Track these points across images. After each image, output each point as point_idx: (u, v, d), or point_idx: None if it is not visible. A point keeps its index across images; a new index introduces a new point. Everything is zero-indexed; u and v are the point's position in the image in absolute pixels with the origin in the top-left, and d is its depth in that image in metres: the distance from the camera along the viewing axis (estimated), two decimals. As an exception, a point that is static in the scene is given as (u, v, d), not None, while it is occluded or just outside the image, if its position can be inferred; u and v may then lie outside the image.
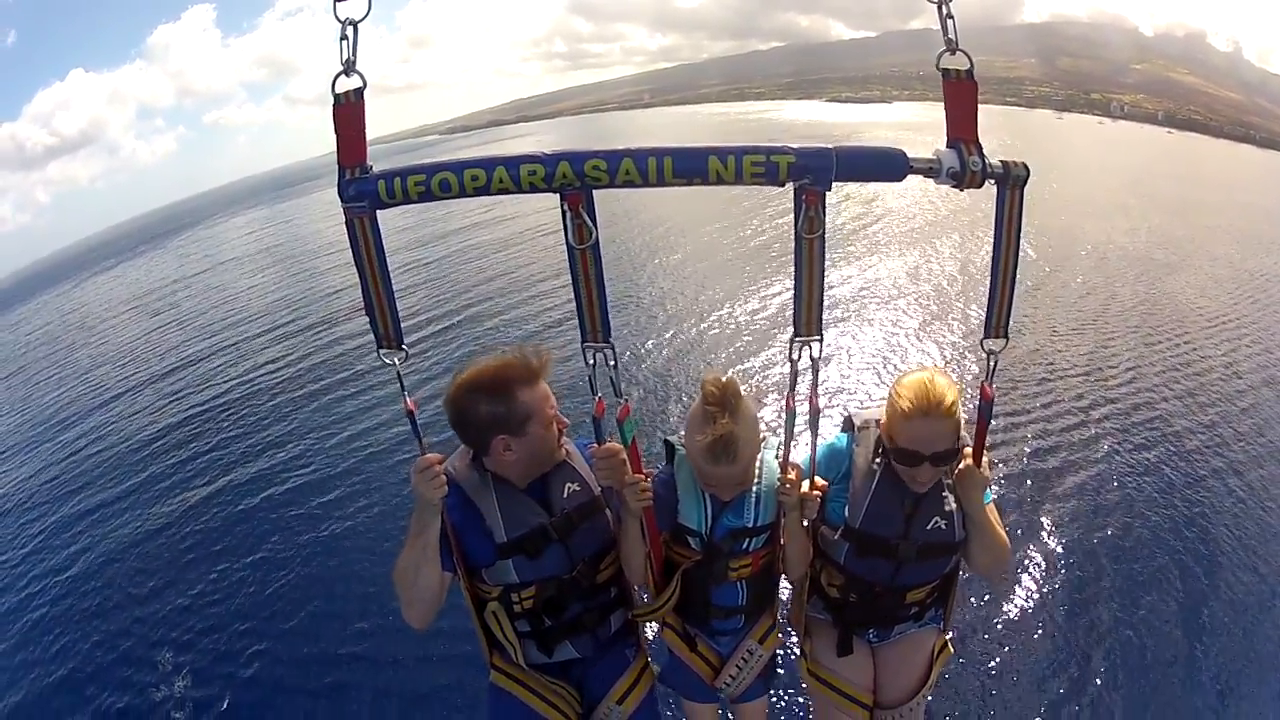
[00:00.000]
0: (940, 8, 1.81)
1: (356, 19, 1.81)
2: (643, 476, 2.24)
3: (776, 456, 2.37)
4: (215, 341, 18.02)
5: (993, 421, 2.26)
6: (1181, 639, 5.45)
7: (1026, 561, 6.13)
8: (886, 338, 9.85)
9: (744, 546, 2.47)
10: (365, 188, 1.88)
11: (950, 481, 2.37)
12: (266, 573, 7.63)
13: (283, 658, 6.37)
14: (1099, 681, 5.14)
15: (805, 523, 2.38)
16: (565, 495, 2.42)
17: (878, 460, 2.42)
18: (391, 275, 2.05)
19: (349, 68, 1.82)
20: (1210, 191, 29.00)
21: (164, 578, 8.05)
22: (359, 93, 1.85)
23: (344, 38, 1.80)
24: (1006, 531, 2.43)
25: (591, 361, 2.07)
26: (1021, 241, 2.01)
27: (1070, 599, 5.83)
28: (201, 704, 6.16)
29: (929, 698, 2.66)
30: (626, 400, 2.18)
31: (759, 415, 2.32)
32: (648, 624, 2.74)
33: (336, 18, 1.79)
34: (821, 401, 2.16)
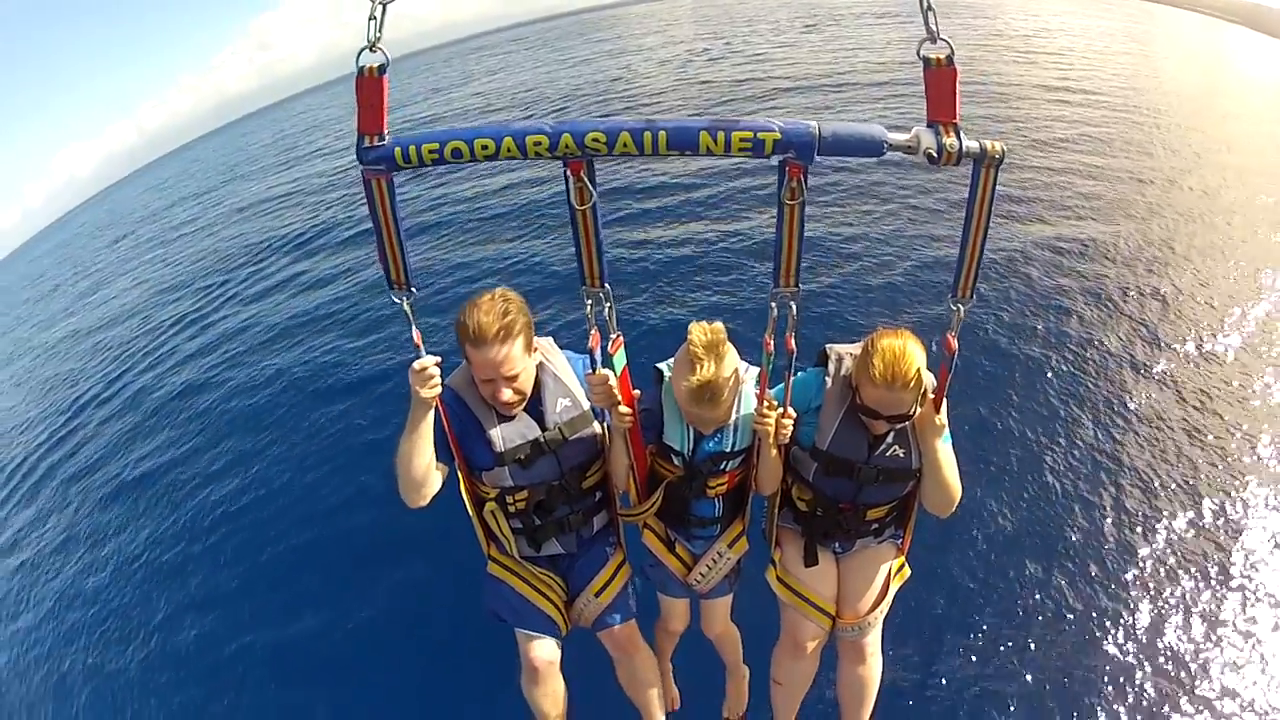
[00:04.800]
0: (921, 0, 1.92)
1: (388, 0, 1.93)
2: (629, 409, 2.54)
3: (755, 389, 2.62)
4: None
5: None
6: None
7: (986, 502, 6.37)
8: (867, 289, 9.77)
9: (722, 467, 2.77)
10: (382, 153, 2.06)
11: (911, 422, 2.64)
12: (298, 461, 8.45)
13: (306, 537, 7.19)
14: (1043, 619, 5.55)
15: (777, 447, 2.67)
16: (558, 410, 2.72)
17: (847, 391, 2.68)
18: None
19: (373, 45, 1.95)
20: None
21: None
22: (382, 68, 2.00)
23: (372, 17, 1.93)
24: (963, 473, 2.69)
25: (589, 301, 2.31)
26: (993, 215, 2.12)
27: (1027, 544, 6.13)
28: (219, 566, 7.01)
29: (885, 613, 2.94)
30: (618, 336, 2.43)
31: (742, 353, 2.58)
32: (627, 525, 3.08)
33: None
34: (796, 342, 2.37)
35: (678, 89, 25.34)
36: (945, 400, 2.53)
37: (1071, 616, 5.51)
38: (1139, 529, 6.12)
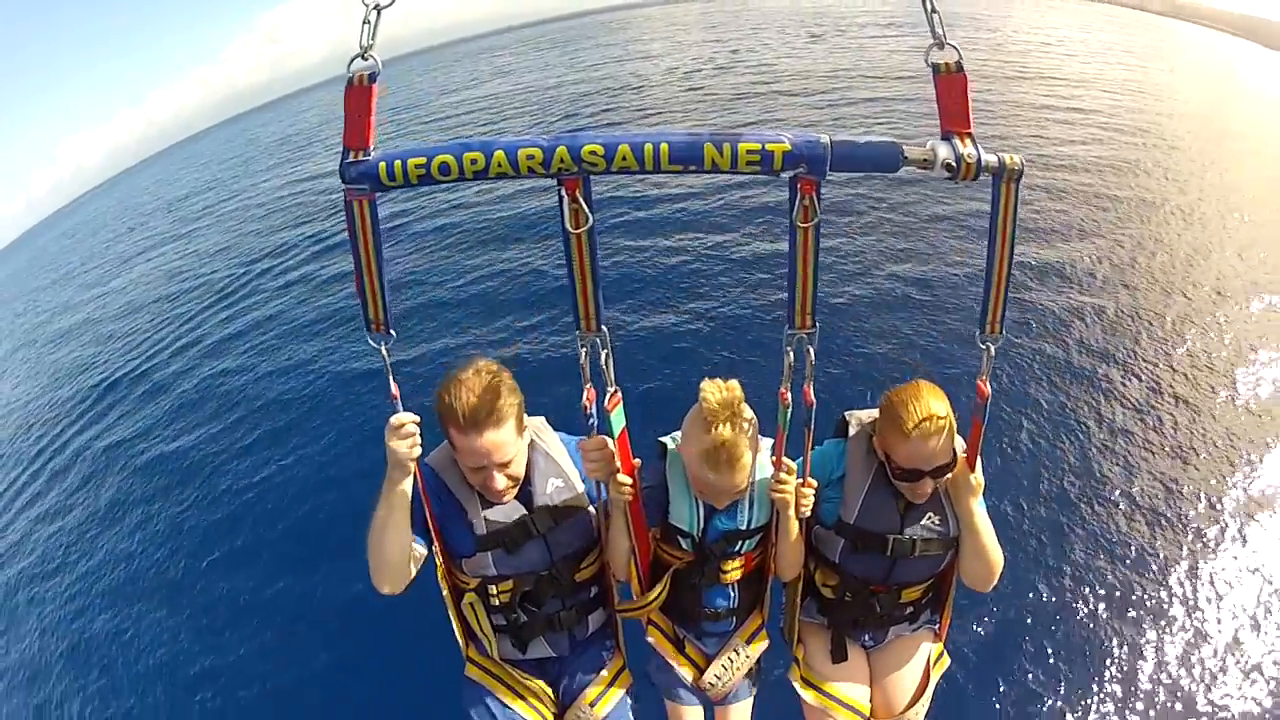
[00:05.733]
0: (925, 3, 1.81)
1: (384, 5, 1.82)
2: (629, 477, 2.24)
3: (771, 456, 2.36)
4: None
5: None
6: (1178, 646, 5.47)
7: (1030, 569, 6.06)
8: (882, 327, 9.75)
9: (737, 549, 2.47)
10: (366, 169, 1.90)
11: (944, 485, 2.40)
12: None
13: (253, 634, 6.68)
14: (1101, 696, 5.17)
15: (798, 522, 2.39)
16: (548, 491, 2.42)
17: (871, 458, 2.45)
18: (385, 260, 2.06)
19: (365, 52, 1.82)
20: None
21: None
22: (372, 77, 1.86)
23: (366, 22, 1.81)
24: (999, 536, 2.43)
25: (584, 348, 2.06)
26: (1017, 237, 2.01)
27: (1070, 610, 5.76)
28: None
29: (926, 709, 2.61)
30: (615, 390, 2.16)
31: (755, 410, 2.32)
32: (628, 624, 2.72)
33: (364, 2, 1.81)
34: (814, 393, 2.13)
35: (682, 99, 25.74)
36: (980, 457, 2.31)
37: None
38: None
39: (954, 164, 1.84)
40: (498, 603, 2.44)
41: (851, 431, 2.52)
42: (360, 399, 9.37)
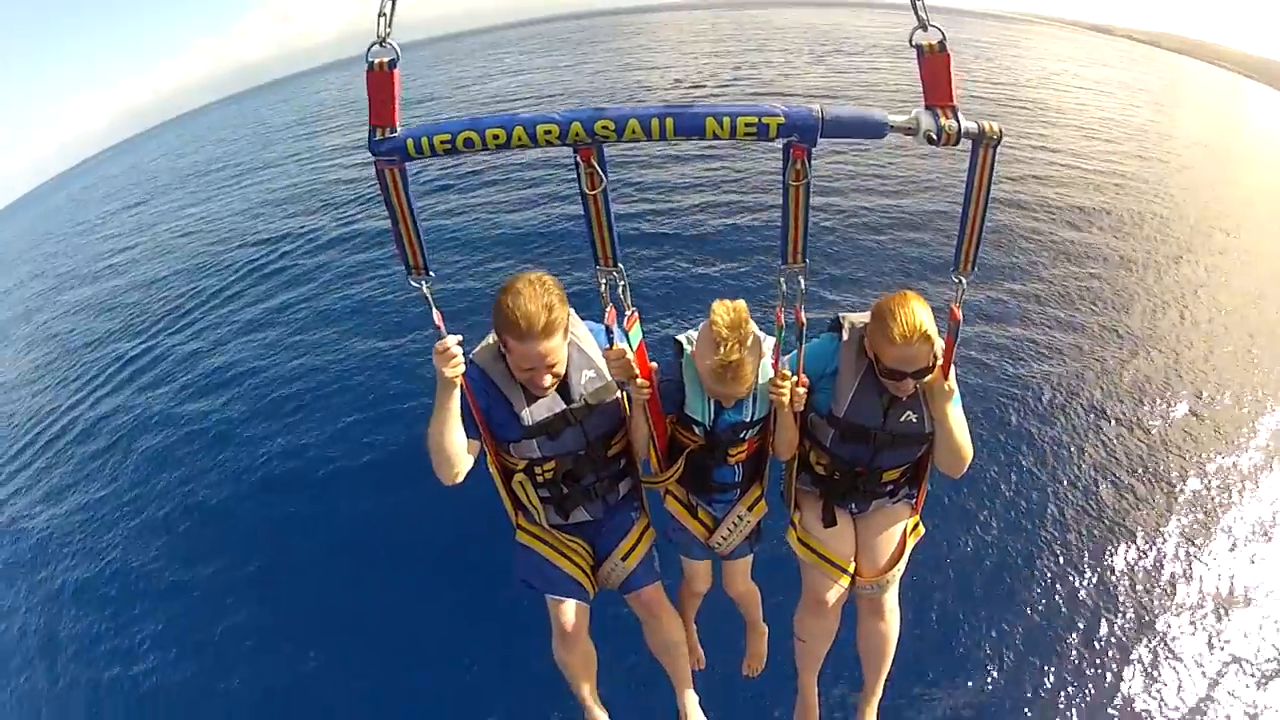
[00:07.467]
0: None
1: None
2: (647, 381, 2.59)
3: (770, 358, 2.69)
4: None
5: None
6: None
7: (999, 464, 7.05)
8: (867, 262, 10.53)
9: (741, 436, 2.88)
10: (395, 145, 2.08)
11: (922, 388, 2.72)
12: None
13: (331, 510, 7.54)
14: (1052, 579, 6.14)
15: (793, 415, 2.76)
16: (582, 381, 2.77)
17: (861, 359, 2.76)
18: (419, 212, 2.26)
19: (383, 41, 1.97)
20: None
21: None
22: (392, 63, 2.02)
23: (382, 14, 1.95)
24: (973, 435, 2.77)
25: (603, 281, 2.34)
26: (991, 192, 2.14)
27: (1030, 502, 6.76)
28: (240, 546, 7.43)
29: (902, 570, 3.03)
30: (633, 312, 2.48)
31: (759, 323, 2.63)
32: (650, 491, 3.15)
33: None
34: (807, 315, 2.42)
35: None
36: (954, 366, 2.60)
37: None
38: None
39: (935, 134, 2.00)
40: (543, 480, 2.88)
41: (845, 336, 2.81)
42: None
